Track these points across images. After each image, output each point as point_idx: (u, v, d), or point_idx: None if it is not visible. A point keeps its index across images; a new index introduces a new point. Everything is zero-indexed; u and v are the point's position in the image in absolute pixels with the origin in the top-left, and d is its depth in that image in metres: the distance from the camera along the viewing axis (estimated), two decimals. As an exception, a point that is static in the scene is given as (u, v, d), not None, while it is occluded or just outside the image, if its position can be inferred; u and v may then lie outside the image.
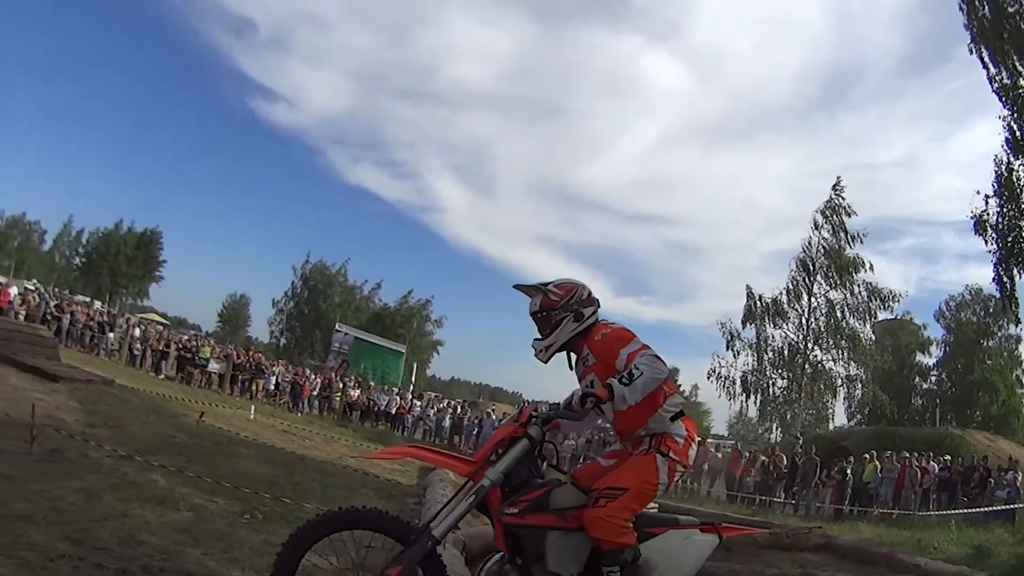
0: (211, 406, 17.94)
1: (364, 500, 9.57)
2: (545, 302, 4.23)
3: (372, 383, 33.92)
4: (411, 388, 40.74)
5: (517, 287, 4.33)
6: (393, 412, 30.93)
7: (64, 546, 5.20)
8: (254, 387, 29.24)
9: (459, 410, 33.40)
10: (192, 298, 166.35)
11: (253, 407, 22.03)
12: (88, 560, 5.06)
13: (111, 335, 30.69)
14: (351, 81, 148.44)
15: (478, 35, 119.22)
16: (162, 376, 27.83)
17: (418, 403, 33.09)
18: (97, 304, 54.72)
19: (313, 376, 32.08)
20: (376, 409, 30.78)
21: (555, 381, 12.85)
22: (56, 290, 58.27)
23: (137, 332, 31.49)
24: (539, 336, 4.25)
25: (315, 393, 30.31)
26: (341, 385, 31.03)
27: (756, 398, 39.70)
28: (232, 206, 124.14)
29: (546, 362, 4.26)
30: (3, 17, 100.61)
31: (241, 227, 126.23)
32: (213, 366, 29.11)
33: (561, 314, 4.19)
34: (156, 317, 61.19)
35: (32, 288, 42.81)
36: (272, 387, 29.93)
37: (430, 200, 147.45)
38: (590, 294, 4.25)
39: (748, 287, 40.09)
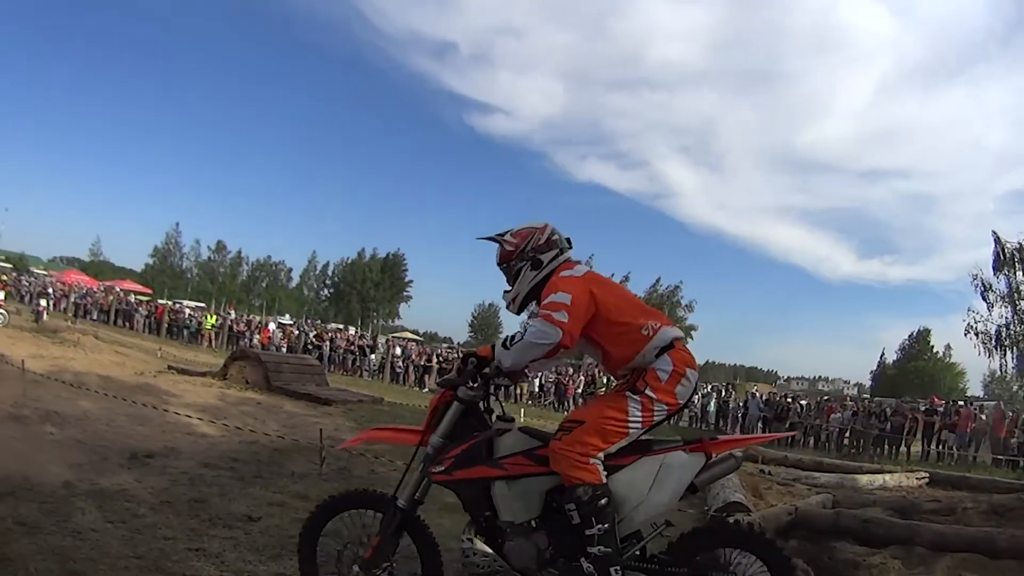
0: None
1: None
2: (502, 253, 4.38)
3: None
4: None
5: (480, 239, 4.44)
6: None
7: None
8: (518, 391, 30.52)
9: (723, 393, 32.94)
10: (441, 313, 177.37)
11: (522, 410, 23.12)
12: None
13: (372, 356, 33.52)
14: (560, 81, 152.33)
15: (674, 14, 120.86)
16: (426, 390, 30.20)
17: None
18: (352, 330, 60.10)
19: (576, 375, 33.02)
20: (641, 402, 31.02)
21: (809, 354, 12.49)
22: (310, 321, 64.84)
23: (398, 351, 34.19)
24: (507, 288, 4.40)
25: (579, 391, 31.07)
26: (604, 381, 31.62)
27: (1012, 353, 36.89)
28: (468, 220, 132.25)
29: (517, 313, 4.42)
30: (246, 78, 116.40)
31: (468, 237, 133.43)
32: (476, 376, 30.92)
33: (518, 263, 4.32)
34: (409, 335, 66.78)
35: (290, 322, 48.07)
36: (536, 389, 31.13)
37: (662, 186, 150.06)
38: (549, 237, 4.33)
39: (994, 233, 37.32)
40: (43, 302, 33.66)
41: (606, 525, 3.69)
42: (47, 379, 13.66)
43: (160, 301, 49.18)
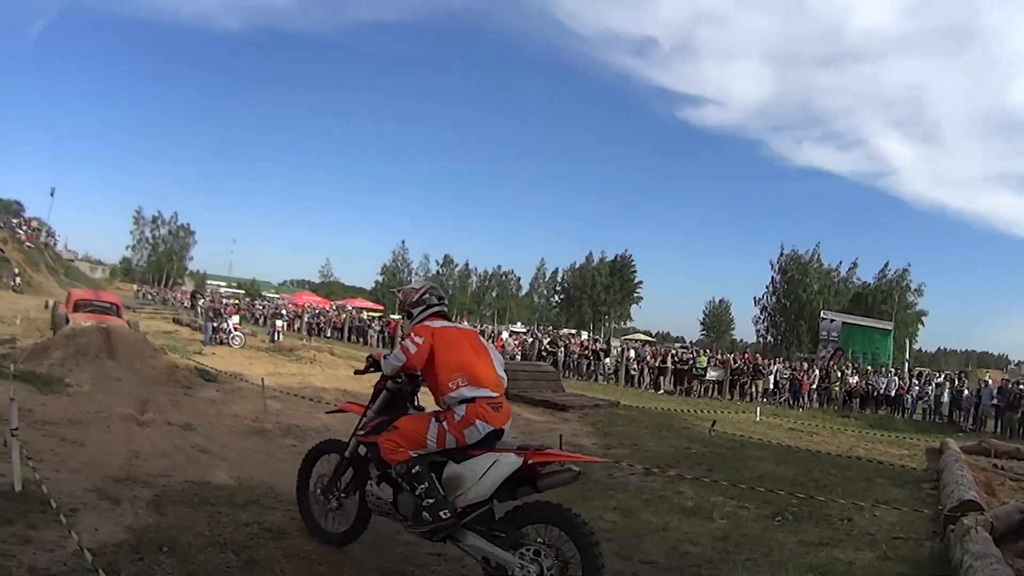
0: (718, 413, 18.92)
1: (880, 490, 10.80)
2: (398, 305, 6.94)
3: (869, 367, 33.79)
4: (906, 366, 39.32)
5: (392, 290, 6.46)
6: (892, 394, 29.50)
7: (615, 563, 5.97)
8: (753, 389, 30.20)
9: (955, 383, 30.55)
10: (672, 312, 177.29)
11: (758, 409, 22.73)
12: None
13: (607, 360, 33.92)
14: (766, 64, 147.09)
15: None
16: (661, 392, 30.79)
17: (916, 382, 31.07)
18: (584, 334, 61.02)
19: (811, 369, 32.23)
20: (876, 394, 29.81)
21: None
22: (543, 328, 66.43)
23: (632, 353, 34.39)
24: None
25: (814, 386, 30.38)
26: (839, 374, 30.68)
27: None
28: (693, 215, 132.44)
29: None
30: (460, 100, 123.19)
31: (706, 234, 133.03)
32: (711, 374, 30.86)
33: (401, 312, 6.65)
34: (641, 336, 67.43)
35: (523, 330, 49.56)
36: (771, 386, 30.55)
37: (881, 164, 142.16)
38: (421, 296, 6.28)
39: None
40: (279, 323, 36.37)
41: (425, 484, 5.38)
42: (286, 395, 14.92)
43: (392, 316, 51.99)
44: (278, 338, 32.78)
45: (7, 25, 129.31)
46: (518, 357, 33.57)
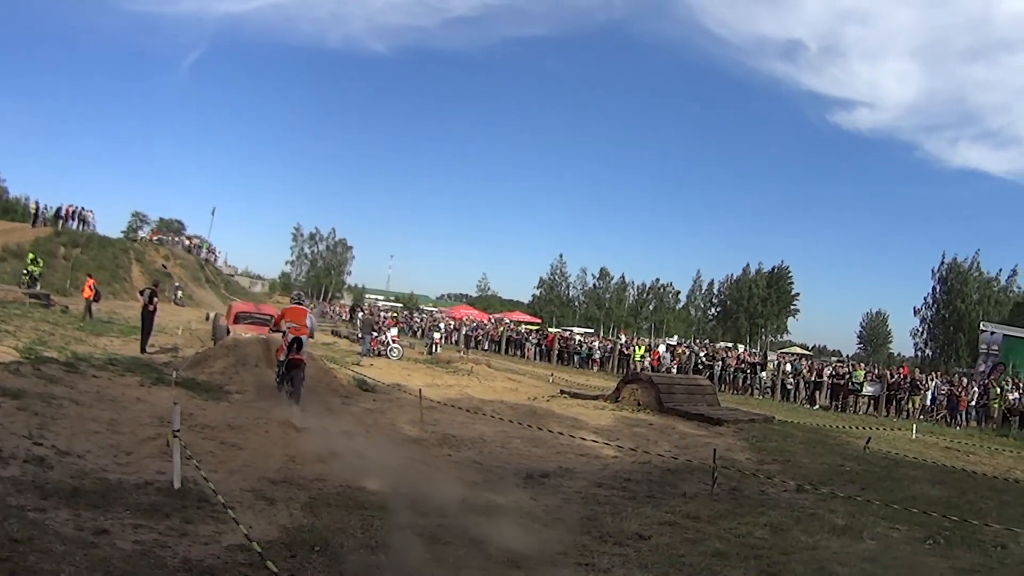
0: (872, 430, 18.01)
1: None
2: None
3: (1033, 383, 30.91)
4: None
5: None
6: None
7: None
8: (910, 405, 28.75)
9: None
10: (829, 325, 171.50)
11: (914, 426, 21.57)
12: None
13: (763, 374, 33.02)
14: (915, 60, 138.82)
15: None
16: (816, 407, 29.68)
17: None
18: (740, 348, 59.85)
19: (970, 385, 30.23)
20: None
21: None
22: (698, 341, 65.47)
23: (788, 367, 33.35)
24: None
25: (972, 403, 28.51)
26: (999, 390, 28.61)
27: None
28: (850, 224, 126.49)
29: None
30: (611, 114, 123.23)
31: (863, 243, 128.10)
32: (867, 389, 29.56)
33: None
34: (798, 350, 65.32)
35: (679, 343, 48.88)
36: (928, 402, 28.97)
37: None
38: (291, 296, 18.62)
39: None
40: (436, 335, 37.04)
41: (281, 369, 13.36)
42: (443, 405, 15.11)
43: (550, 329, 52.27)
44: (436, 350, 33.34)
45: (166, 54, 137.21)
46: (674, 370, 33.06)
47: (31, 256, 33.38)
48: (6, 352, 14.38)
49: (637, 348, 37.09)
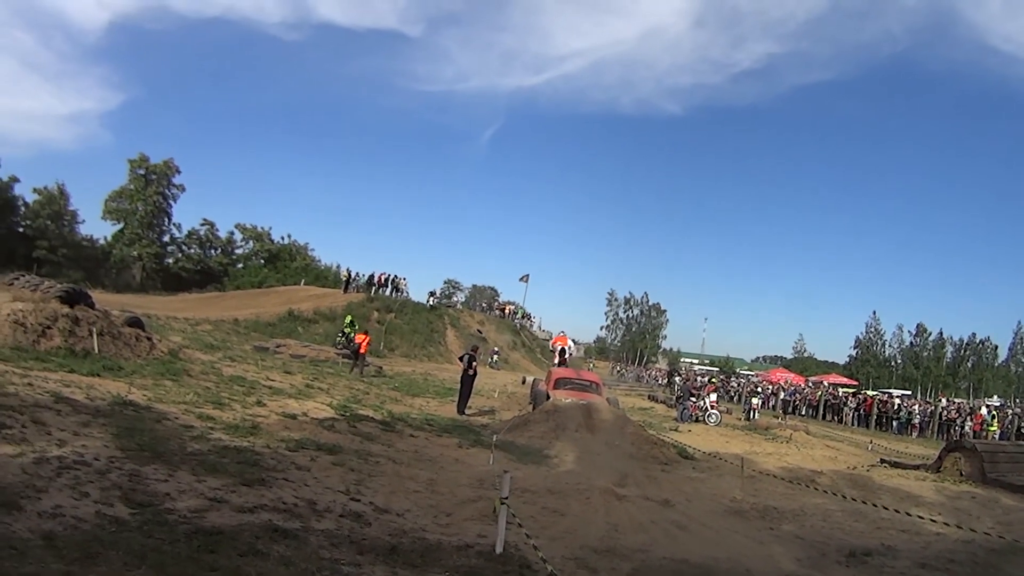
0: None
1: None
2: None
3: None
4: None
5: None
6: None
7: None
8: None
9: None
10: None
11: None
12: None
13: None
14: None
15: None
16: None
17: None
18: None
19: None
20: None
21: None
22: (1019, 401, 58.72)
23: None
24: None
25: None
26: None
27: None
28: None
29: None
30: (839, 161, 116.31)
31: None
32: None
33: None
34: None
35: (999, 405, 44.34)
36: None
37: None
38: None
39: None
40: (755, 400, 36.05)
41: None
42: (763, 475, 14.79)
43: (869, 393, 49.12)
44: (754, 416, 32.52)
45: (464, 129, 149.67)
46: (996, 436, 30.00)
47: (349, 319, 35.39)
48: (321, 408, 15.42)
49: (992, 419, 32.55)
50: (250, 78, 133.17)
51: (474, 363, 21.72)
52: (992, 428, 29.83)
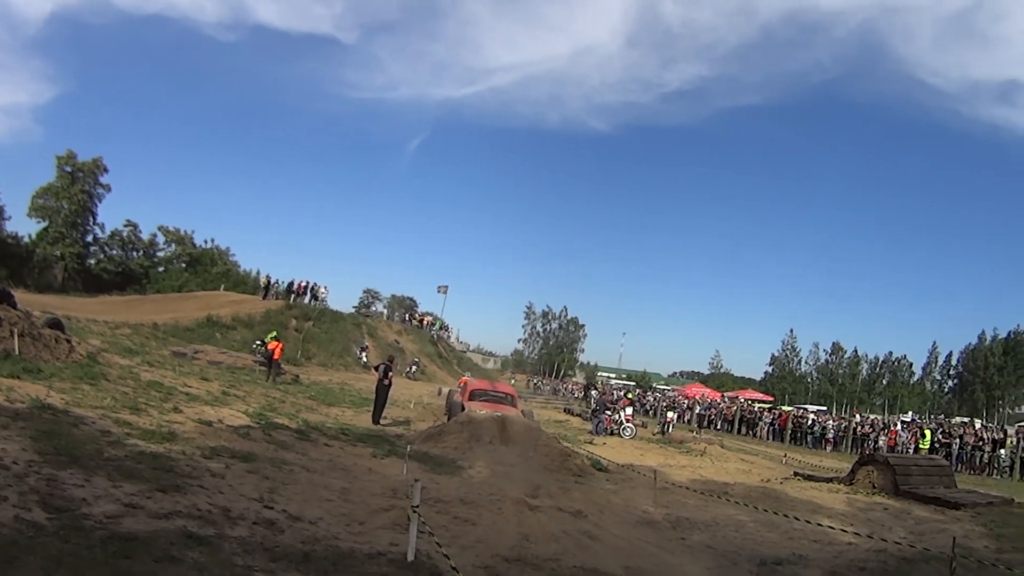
0: None
1: None
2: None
3: None
4: None
5: None
6: None
7: None
8: None
9: None
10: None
11: None
12: None
13: (1003, 451, 30.27)
14: None
15: None
16: None
17: None
18: (977, 423, 55.63)
19: None
20: None
21: None
22: (932, 416, 61.04)
23: (1032, 441, 30.47)
24: None
25: None
26: None
27: None
28: None
29: None
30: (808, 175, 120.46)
31: None
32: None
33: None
34: None
35: (913, 419, 45.94)
36: None
37: None
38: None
39: None
40: (671, 414, 36.26)
41: None
42: (676, 487, 14.93)
43: (783, 408, 50.35)
44: (669, 429, 32.79)
45: (391, 138, 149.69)
46: (910, 450, 30.98)
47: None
48: (237, 416, 15.38)
49: (924, 436, 32.65)
50: (184, 78, 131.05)
51: (390, 373, 21.82)
52: (924, 445, 30.78)
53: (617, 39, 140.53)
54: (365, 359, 46.42)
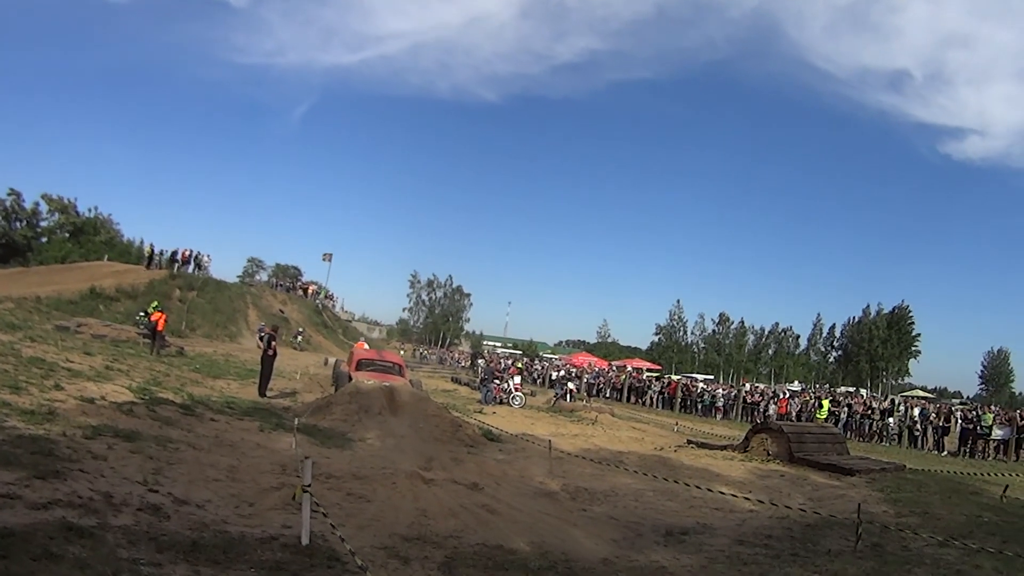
0: (1008, 477, 16.71)
1: None
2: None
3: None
4: None
5: None
6: None
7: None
8: None
9: None
10: (947, 365, 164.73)
11: None
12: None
13: (891, 420, 31.45)
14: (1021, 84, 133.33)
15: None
16: (944, 453, 28.08)
17: None
18: (863, 392, 58.09)
19: None
20: None
21: None
22: (818, 386, 63.56)
23: (916, 412, 31.68)
24: None
25: None
26: None
27: None
28: (969, 257, 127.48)
29: None
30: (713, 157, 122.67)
31: (982, 278, 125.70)
32: (997, 433, 27.62)
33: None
34: (919, 393, 63.21)
35: (799, 389, 47.49)
36: None
37: None
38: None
39: None
40: (571, 385, 36.15)
41: None
42: (572, 456, 14.73)
43: (672, 376, 51.34)
44: (569, 399, 32.62)
45: (277, 106, 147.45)
46: (804, 418, 31.92)
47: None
48: (119, 392, 14.52)
49: (822, 406, 33.19)
50: (68, 39, 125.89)
51: (274, 343, 21.25)
52: (821, 415, 31.65)
53: (510, 9, 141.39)
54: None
